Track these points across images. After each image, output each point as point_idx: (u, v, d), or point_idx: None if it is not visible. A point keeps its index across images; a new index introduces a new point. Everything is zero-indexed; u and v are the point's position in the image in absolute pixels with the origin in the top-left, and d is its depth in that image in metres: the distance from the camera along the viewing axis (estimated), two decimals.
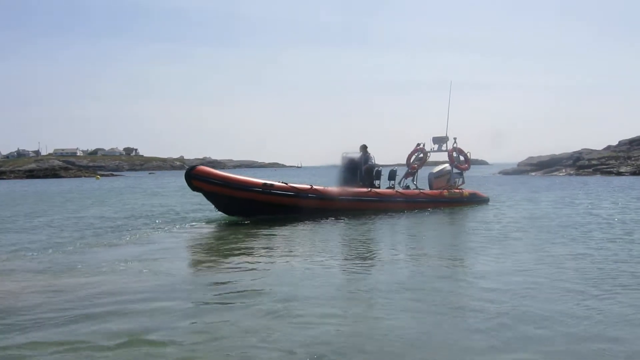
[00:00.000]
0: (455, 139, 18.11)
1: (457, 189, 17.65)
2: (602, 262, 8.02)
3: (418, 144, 18.25)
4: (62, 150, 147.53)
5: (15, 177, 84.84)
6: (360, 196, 15.33)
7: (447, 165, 17.90)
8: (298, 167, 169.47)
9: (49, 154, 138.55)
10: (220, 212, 14.69)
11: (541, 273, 7.34)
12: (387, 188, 16.70)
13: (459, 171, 18.02)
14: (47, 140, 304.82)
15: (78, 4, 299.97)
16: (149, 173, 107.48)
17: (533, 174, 50.84)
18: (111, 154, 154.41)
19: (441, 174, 17.63)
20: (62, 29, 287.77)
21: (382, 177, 16.72)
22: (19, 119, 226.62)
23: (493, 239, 10.54)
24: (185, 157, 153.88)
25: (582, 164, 49.99)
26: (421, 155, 18.21)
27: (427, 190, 17.17)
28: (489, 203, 17.94)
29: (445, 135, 18.18)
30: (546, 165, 52.72)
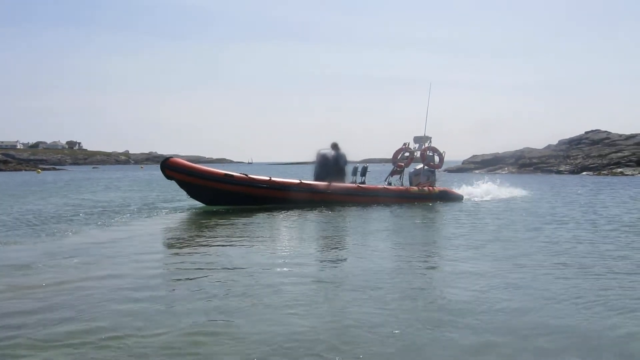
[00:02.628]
0: (429, 138, 18.88)
1: (429, 186, 17.96)
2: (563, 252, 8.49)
3: (404, 144, 19.12)
4: (1, 142, 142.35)
5: None
6: (319, 189, 16.23)
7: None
8: (249, 163, 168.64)
9: None
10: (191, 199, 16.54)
11: (489, 266, 7.72)
12: (360, 183, 17.37)
13: (432, 170, 18.59)
14: None
15: None
16: (93, 167, 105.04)
17: (477, 171, 52.16)
18: (53, 147, 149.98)
19: (420, 172, 18.39)
20: (13, 16, 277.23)
21: (358, 173, 17.82)
22: None
23: (442, 233, 10.94)
24: (130, 152, 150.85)
25: (523, 162, 51.56)
26: (407, 154, 19.01)
27: (392, 186, 17.89)
28: (463, 201, 18.00)
29: (424, 134, 18.88)
30: (489, 164, 54.17)
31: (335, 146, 17.10)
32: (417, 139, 18.95)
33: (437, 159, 18.73)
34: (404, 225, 12.80)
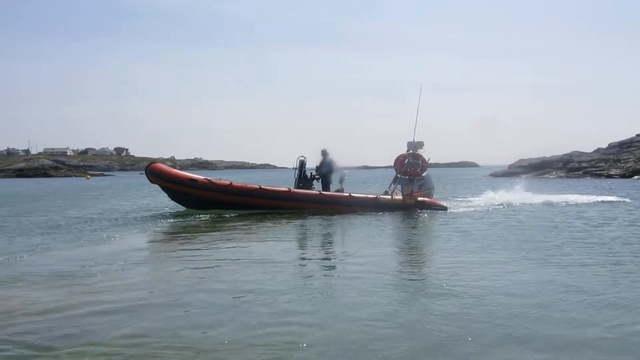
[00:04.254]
0: (422, 143, 18.03)
1: (411, 195, 16.86)
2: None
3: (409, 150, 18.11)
4: (52, 149, 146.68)
5: (5, 176, 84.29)
6: (278, 195, 16.24)
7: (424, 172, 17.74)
8: (294, 169, 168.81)
9: (39, 153, 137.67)
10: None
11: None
12: (336, 191, 16.77)
13: (410, 179, 17.60)
14: (37, 139, 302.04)
15: (67, 4, 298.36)
16: (140, 173, 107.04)
17: (524, 176, 51.12)
18: (102, 154, 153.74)
19: (409, 181, 17.51)
20: (52, 28, 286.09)
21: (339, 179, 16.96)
22: (8, 118, 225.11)
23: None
24: (176, 158, 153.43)
25: (572, 166, 50.31)
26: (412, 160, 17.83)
27: (359, 195, 16.84)
28: (447, 211, 16.29)
29: (413, 139, 18.02)
30: (537, 168, 52.98)
31: (323, 152, 17.09)
32: (410, 145, 18.01)
33: (419, 165, 17.63)
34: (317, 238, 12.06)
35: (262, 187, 16.25)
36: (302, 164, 16.89)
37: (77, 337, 4.92)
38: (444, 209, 16.54)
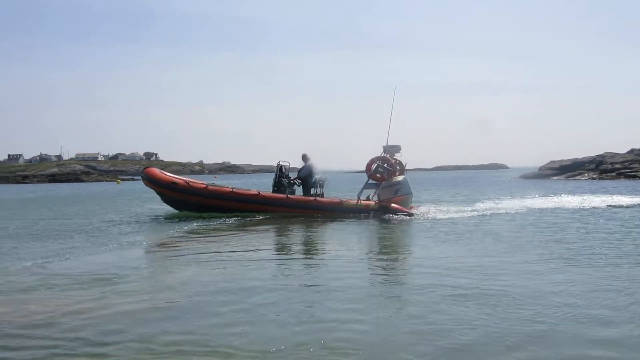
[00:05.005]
0: (398, 147, 17.69)
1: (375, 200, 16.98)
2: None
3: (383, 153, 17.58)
4: (84, 154, 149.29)
5: (38, 181, 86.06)
6: (246, 198, 16.60)
7: (401, 177, 17.32)
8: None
9: (71, 159, 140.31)
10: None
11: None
12: (317, 195, 16.88)
13: (375, 183, 17.30)
14: (68, 145, 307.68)
15: (93, 10, 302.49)
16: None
17: (555, 178, 50.47)
18: (132, 159, 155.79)
19: (389, 184, 17.00)
20: (80, 34, 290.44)
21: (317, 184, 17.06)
22: (41, 124, 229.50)
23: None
24: (204, 162, 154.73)
25: (605, 167, 49.49)
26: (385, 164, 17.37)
27: (328, 198, 16.96)
28: (411, 218, 15.79)
29: (386, 143, 17.56)
30: (568, 169, 52.22)
31: (304, 157, 17.36)
32: (387, 149, 17.45)
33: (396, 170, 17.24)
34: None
35: (233, 190, 16.78)
36: (280, 168, 17.30)
37: (120, 337, 5.04)
38: (410, 215, 16.06)
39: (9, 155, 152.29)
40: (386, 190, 16.87)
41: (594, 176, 48.26)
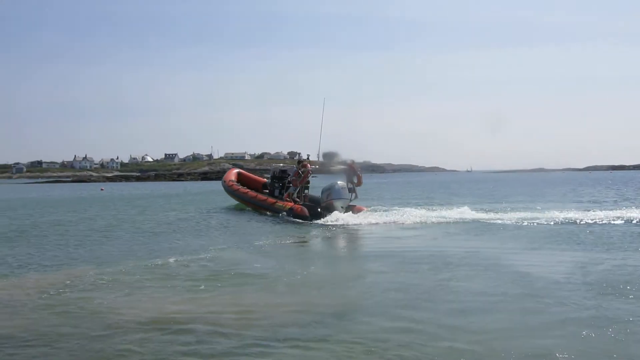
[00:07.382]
0: (336, 153, 19.54)
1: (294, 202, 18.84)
2: None
3: (299, 161, 19.98)
4: (232, 154, 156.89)
5: (192, 179, 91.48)
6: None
7: (340, 182, 18.44)
8: (468, 171, 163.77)
9: (220, 158, 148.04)
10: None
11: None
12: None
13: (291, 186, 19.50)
14: (219, 144, 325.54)
15: (226, 16, 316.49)
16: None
17: None
18: (276, 158, 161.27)
19: (326, 188, 18.47)
20: (215, 38, 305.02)
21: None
22: (195, 125, 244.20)
23: None
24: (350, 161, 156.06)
25: None
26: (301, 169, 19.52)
27: (261, 196, 20.90)
28: (309, 222, 16.83)
29: (319, 149, 19.82)
30: None
31: (297, 162, 19.98)
32: (325, 155, 19.68)
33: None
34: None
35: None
36: (277, 172, 21.59)
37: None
38: (307, 219, 17.05)
39: (165, 155, 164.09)
40: (324, 194, 18.37)
41: None
